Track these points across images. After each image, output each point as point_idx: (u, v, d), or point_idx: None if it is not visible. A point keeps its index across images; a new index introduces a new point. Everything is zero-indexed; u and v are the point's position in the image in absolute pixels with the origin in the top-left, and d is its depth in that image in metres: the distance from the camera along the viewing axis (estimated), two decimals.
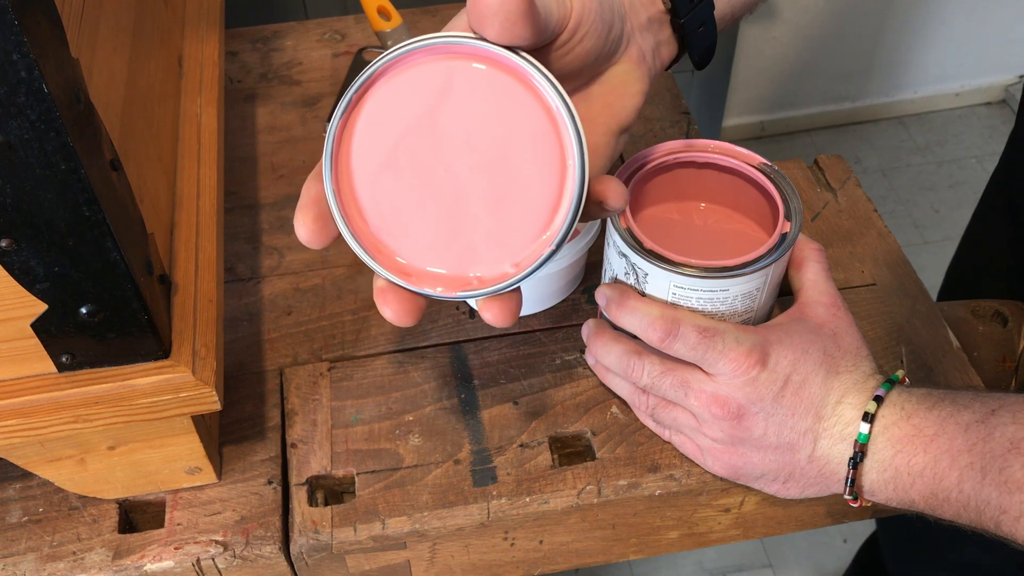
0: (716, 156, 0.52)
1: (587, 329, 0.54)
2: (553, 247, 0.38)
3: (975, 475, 0.42)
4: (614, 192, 0.40)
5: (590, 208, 0.40)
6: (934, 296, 0.62)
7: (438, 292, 0.40)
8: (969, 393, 0.45)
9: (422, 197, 0.39)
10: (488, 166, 0.38)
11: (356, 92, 0.38)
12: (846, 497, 0.46)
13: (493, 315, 0.41)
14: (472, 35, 0.37)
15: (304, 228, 0.39)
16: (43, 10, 0.35)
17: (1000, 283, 0.76)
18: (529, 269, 0.39)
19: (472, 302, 0.59)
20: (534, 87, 0.37)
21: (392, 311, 0.40)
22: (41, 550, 0.49)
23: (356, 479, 0.51)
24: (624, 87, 0.44)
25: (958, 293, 0.83)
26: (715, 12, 0.48)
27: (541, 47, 0.39)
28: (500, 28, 0.35)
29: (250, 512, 0.50)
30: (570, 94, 0.41)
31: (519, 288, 0.41)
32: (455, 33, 0.37)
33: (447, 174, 0.39)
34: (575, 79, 0.42)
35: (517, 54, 0.37)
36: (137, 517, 0.52)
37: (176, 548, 0.48)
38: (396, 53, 0.37)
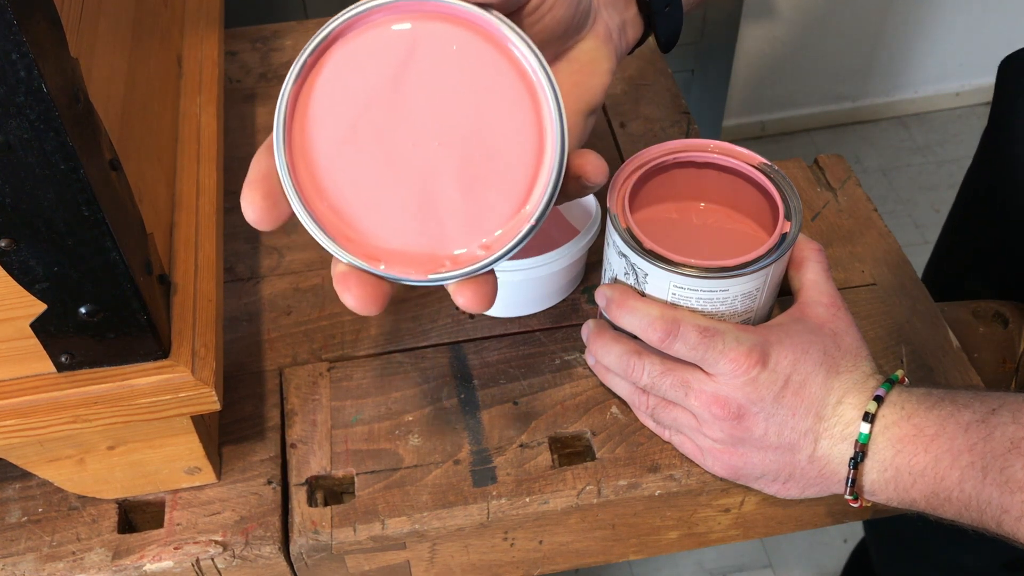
0: (716, 156, 0.52)
1: (587, 329, 0.54)
2: (532, 223, 0.35)
3: (976, 475, 0.42)
4: (593, 165, 0.38)
5: (568, 185, 0.38)
6: None
7: (406, 276, 0.36)
8: (969, 392, 0.45)
9: (387, 173, 0.36)
10: (459, 138, 0.35)
11: (310, 55, 0.34)
12: (846, 497, 0.46)
13: (467, 300, 0.37)
14: None
15: (252, 206, 0.36)
16: (42, 10, 0.34)
17: (984, 281, 0.75)
18: (505, 248, 0.36)
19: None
20: (508, 50, 0.34)
21: (354, 298, 0.36)
22: (41, 550, 0.49)
23: (356, 479, 0.51)
24: (592, 65, 0.42)
25: (940, 294, 0.82)
26: None
27: (511, 12, 0.36)
28: None
29: (250, 512, 0.50)
30: None
31: (493, 270, 0.37)
32: None
33: (415, 148, 0.35)
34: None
35: (490, 12, 0.34)
36: (137, 517, 0.52)
37: (176, 548, 0.48)
38: (355, 11, 0.34)
